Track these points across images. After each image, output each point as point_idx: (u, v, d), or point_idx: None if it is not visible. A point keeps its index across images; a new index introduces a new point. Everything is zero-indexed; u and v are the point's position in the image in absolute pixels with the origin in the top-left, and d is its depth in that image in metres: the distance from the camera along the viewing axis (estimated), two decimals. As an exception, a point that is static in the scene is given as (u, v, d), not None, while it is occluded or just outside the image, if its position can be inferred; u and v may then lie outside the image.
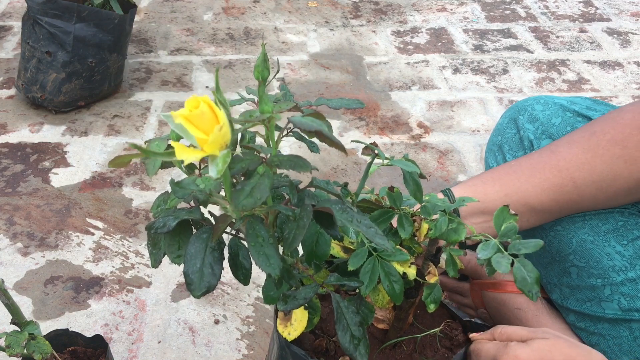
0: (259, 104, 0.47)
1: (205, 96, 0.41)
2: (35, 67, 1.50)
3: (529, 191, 0.78)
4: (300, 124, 0.44)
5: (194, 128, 0.40)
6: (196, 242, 0.49)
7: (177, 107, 1.59)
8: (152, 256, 0.55)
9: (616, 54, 1.88)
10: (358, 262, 0.54)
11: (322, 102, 0.55)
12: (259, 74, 0.51)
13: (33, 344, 0.69)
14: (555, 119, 0.89)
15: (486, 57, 1.86)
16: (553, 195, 0.78)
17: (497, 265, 0.53)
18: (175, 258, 0.52)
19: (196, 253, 0.49)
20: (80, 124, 1.53)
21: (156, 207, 0.58)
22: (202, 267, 0.48)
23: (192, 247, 0.49)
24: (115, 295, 1.10)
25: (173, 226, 0.50)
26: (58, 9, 1.44)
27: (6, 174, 1.36)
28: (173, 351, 1.00)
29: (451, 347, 0.66)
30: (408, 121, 1.57)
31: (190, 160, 0.40)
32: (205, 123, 0.40)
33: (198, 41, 1.89)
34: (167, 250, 0.52)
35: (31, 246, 1.19)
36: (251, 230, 0.47)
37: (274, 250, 0.46)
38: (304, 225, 0.46)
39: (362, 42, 1.92)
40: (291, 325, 0.54)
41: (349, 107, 0.56)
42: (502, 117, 0.97)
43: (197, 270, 0.48)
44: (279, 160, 0.46)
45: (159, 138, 0.58)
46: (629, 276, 0.80)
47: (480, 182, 0.81)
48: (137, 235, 1.22)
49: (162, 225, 0.51)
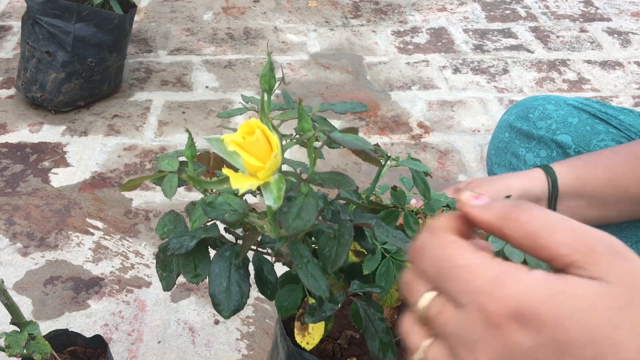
0: (298, 122, 0.45)
1: (257, 121, 0.39)
2: (34, 67, 1.50)
3: (631, 180, 0.76)
4: (344, 142, 0.43)
5: (247, 155, 0.39)
6: (220, 261, 0.48)
7: (177, 107, 1.59)
8: (164, 280, 0.53)
9: (616, 54, 1.88)
10: (373, 266, 0.54)
11: (327, 108, 0.55)
12: (265, 83, 0.50)
13: (33, 344, 0.69)
14: (571, 118, 0.88)
15: (486, 57, 1.85)
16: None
17: (511, 255, 0.53)
18: (193, 278, 0.50)
19: (221, 272, 0.47)
20: (80, 124, 1.53)
21: (162, 228, 0.55)
22: (229, 286, 0.47)
23: (216, 267, 0.48)
24: (115, 296, 1.10)
25: (192, 246, 0.49)
26: (58, 9, 1.44)
27: (6, 174, 1.36)
28: (173, 351, 1.00)
29: None
30: (408, 121, 1.57)
31: (246, 189, 0.38)
32: (259, 149, 0.39)
33: (198, 41, 1.89)
34: (183, 271, 0.51)
35: (31, 246, 1.18)
36: (295, 252, 0.46)
37: (320, 271, 0.45)
38: (346, 242, 0.45)
39: (362, 42, 1.92)
40: (309, 335, 0.52)
41: (354, 111, 0.56)
42: (507, 115, 0.97)
43: (224, 289, 0.47)
44: (321, 178, 0.44)
45: (168, 156, 0.56)
46: None
47: (582, 162, 0.78)
48: (136, 236, 1.22)
49: (178, 247, 0.49)
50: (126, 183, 0.51)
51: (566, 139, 0.87)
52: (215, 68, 1.76)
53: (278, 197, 0.39)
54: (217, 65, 1.77)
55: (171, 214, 0.56)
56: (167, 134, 1.50)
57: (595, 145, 0.85)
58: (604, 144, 0.85)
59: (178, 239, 0.50)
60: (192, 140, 0.51)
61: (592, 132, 0.86)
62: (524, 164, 0.90)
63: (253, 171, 0.39)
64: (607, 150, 0.80)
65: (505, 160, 0.94)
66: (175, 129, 1.52)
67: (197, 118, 1.56)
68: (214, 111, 1.58)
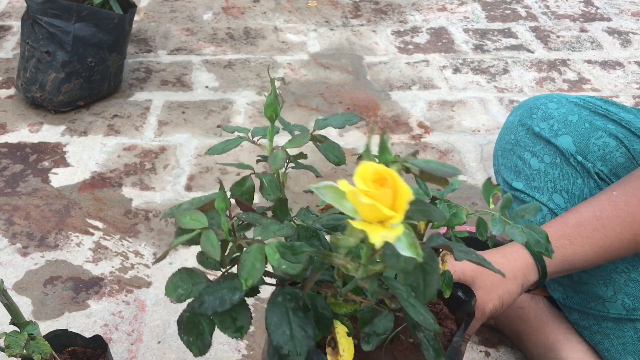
0: (379, 154, 0.42)
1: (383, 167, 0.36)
2: (34, 66, 1.50)
3: (620, 246, 0.76)
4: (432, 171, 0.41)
5: (379, 204, 0.36)
6: (275, 308, 0.45)
7: (177, 107, 1.59)
8: (194, 345, 0.47)
9: (617, 54, 1.88)
10: None
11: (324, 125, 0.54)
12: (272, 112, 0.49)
13: (32, 344, 0.68)
14: (571, 116, 0.88)
15: (486, 57, 1.85)
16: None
17: (513, 235, 0.54)
18: (235, 333, 0.46)
19: (280, 321, 0.45)
20: (79, 124, 1.52)
21: (174, 291, 0.48)
22: (293, 333, 0.44)
23: (274, 316, 0.45)
24: (115, 296, 1.09)
25: (238, 300, 0.44)
26: (57, 9, 1.44)
27: (5, 174, 1.36)
28: (173, 351, 1.00)
29: (440, 321, 0.67)
30: (408, 121, 1.57)
31: (382, 241, 0.36)
32: (389, 197, 0.36)
33: (198, 41, 1.89)
34: (221, 327, 0.46)
35: (30, 246, 1.18)
36: (396, 290, 0.44)
37: (420, 303, 0.43)
38: (432, 269, 0.43)
39: (362, 41, 1.92)
40: (342, 357, 0.50)
41: (350, 124, 0.56)
42: (512, 116, 0.97)
43: (288, 338, 0.44)
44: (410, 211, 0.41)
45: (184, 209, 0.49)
46: (631, 277, 0.80)
47: (568, 241, 0.77)
48: (136, 236, 1.22)
49: (219, 304, 0.45)
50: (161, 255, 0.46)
51: (567, 143, 0.87)
52: (215, 68, 1.76)
53: (412, 245, 0.37)
54: (217, 65, 1.77)
55: (182, 272, 0.50)
56: (167, 133, 1.50)
57: (594, 144, 0.85)
58: (602, 141, 0.85)
59: (213, 295, 0.45)
60: (224, 192, 0.47)
61: (591, 129, 0.86)
62: (529, 168, 0.90)
63: (375, 218, 0.37)
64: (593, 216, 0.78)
65: (511, 162, 0.94)
66: (175, 129, 1.52)
67: (197, 118, 1.55)
68: (214, 111, 1.58)
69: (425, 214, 0.42)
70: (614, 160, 0.84)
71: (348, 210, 0.38)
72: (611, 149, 0.84)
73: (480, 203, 1.31)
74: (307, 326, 0.45)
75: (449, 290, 0.60)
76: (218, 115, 1.56)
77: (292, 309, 0.45)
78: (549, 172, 0.88)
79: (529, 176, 0.90)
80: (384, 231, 0.36)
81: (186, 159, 1.42)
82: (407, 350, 0.63)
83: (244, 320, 0.47)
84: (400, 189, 0.37)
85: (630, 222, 0.75)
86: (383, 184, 0.37)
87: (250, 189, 0.56)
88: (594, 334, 0.84)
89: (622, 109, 0.89)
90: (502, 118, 1.59)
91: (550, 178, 0.88)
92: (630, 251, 0.77)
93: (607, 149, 0.84)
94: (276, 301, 0.46)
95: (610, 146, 0.84)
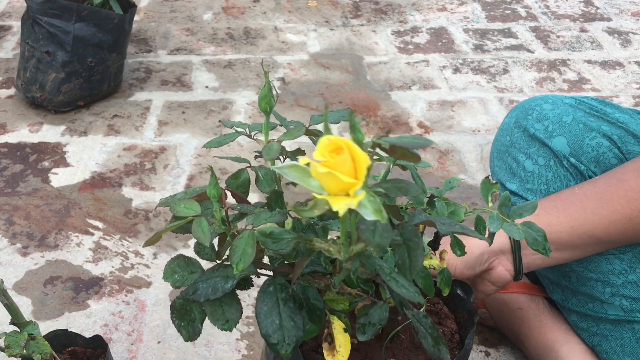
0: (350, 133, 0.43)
1: (339, 138, 0.38)
2: (34, 66, 1.50)
3: (596, 223, 0.76)
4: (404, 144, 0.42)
5: (339, 173, 0.37)
6: (265, 298, 0.45)
7: (177, 106, 1.59)
8: (184, 330, 0.47)
9: (617, 54, 1.88)
10: None
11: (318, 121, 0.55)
12: (266, 105, 0.50)
13: (32, 344, 0.68)
14: (565, 117, 0.88)
15: (486, 57, 1.85)
16: (622, 227, 0.75)
17: (511, 233, 0.55)
18: (224, 325, 0.46)
19: (270, 310, 0.45)
20: (79, 124, 1.52)
21: (171, 275, 0.49)
22: (282, 323, 0.44)
23: (264, 305, 0.45)
24: (115, 296, 1.09)
25: (230, 288, 0.45)
26: (57, 9, 1.44)
27: (5, 174, 1.36)
28: (173, 352, 1.00)
29: (439, 321, 0.67)
30: (408, 121, 1.57)
31: (345, 209, 0.37)
32: (347, 166, 0.37)
33: (198, 41, 1.89)
34: (212, 319, 0.46)
35: (30, 246, 1.18)
36: (378, 267, 0.44)
37: (404, 278, 0.44)
38: (416, 245, 0.43)
39: (362, 41, 1.92)
40: (338, 353, 0.50)
41: (344, 120, 0.56)
42: (508, 117, 0.97)
43: (277, 327, 0.44)
44: (385, 188, 0.42)
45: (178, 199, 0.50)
46: (629, 279, 0.80)
47: (543, 211, 0.77)
48: (136, 236, 1.22)
49: (212, 291, 0.45)
50: (152, 237, 0.47)
51: (561, 145, 0.87)
52: (215, 68, 1.76)
53: (377, 210, 0.38)
54: (217, 65, 1.77)
55: (180, 258, 0.52)
56: (167, 133, 1.50)
57: (588, 145, 0.85)
58: (595, 142, 0.85)
59: (207, 282, 0.46)
60: (216, 179, 0.48)
61: (585, 130, 0.86)
62: (523, 170, 0.90)
63: (340, 190, 0.37)
64: (571, 193, 0.79)
65: (506, 164, 0.93)
66: (175, 128, 1.52)
67: (196, 118, 1.55)
68: (214, 111, 1.58)
69: (402, 190, 0.42)
70: (607, 162, 0.84)
71: (314, 187, 0.39)
72: (604, 149, 0.84)
73: (480, 203, 1.31)
74: (297, 316, 0.45)
75: (447, 289, 0.60)
76: (218, 115, 1.57)
77: (283, 299, 0.46)
78: (542, 174, 0.88)
79: (523, 178, 0.90)
80: (347, 199, 0.37)
81: (186, 159, 1.42)
82: (407, 350, 0.63)
83: (233, 313, 0.47)
84: (358, 156, 0.37)
85: (608, 199, 0.75)
86: (339, 152, 0.38)
87: (245, 182, 0.56)
88: (593, 336, 0.84)
89: (618, 110, 0.89)
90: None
91: (544, 180, 0.87)
92: (611, 232, 0.76)
93: (600, 150, 0.84)
94: (267, 290, 0.46)
95: (604, 147, 0.84)
